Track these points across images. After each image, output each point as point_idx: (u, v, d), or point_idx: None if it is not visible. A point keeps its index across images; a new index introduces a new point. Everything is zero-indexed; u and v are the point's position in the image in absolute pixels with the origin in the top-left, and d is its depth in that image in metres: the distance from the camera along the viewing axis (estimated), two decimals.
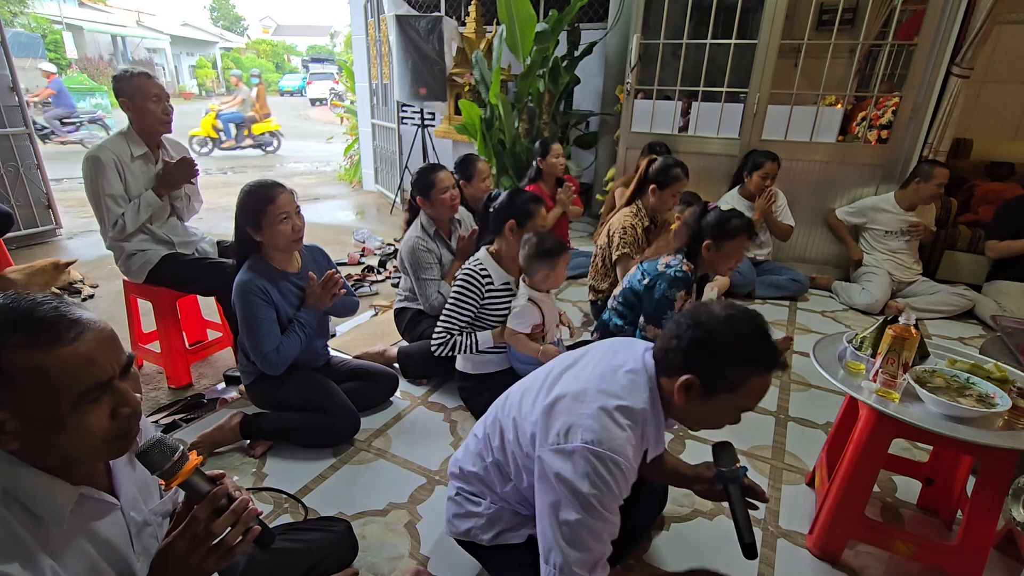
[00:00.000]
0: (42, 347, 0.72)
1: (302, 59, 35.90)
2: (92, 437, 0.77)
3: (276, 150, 10.01)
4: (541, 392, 1.15)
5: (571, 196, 3.52)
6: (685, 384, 1.03)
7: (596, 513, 1.01)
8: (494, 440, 1.23)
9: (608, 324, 2.32)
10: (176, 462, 0.84)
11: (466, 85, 4.89)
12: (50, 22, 19.46)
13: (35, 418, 0.73)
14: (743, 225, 2.03)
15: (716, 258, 2.05)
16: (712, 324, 1.02)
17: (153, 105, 2.12)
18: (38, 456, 0.77)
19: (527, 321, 1.96)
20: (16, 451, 0.75)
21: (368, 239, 4.51)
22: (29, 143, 4.14)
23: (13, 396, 0.72)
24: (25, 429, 0.73)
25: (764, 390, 1.04)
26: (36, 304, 0.74)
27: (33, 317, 0.73)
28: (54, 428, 0.74)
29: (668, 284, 2.03)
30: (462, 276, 2.01)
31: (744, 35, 3.70)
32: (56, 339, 0.73)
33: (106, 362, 0.77)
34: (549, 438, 1.06)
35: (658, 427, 1.11)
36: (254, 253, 1.84)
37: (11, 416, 0.72)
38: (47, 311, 0.74)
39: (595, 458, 0.99)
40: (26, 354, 0.71)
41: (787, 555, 1.54)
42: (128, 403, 0.79)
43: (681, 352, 1.04)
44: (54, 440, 0.75)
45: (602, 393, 1.06)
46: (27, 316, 0.73)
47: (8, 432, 0.73)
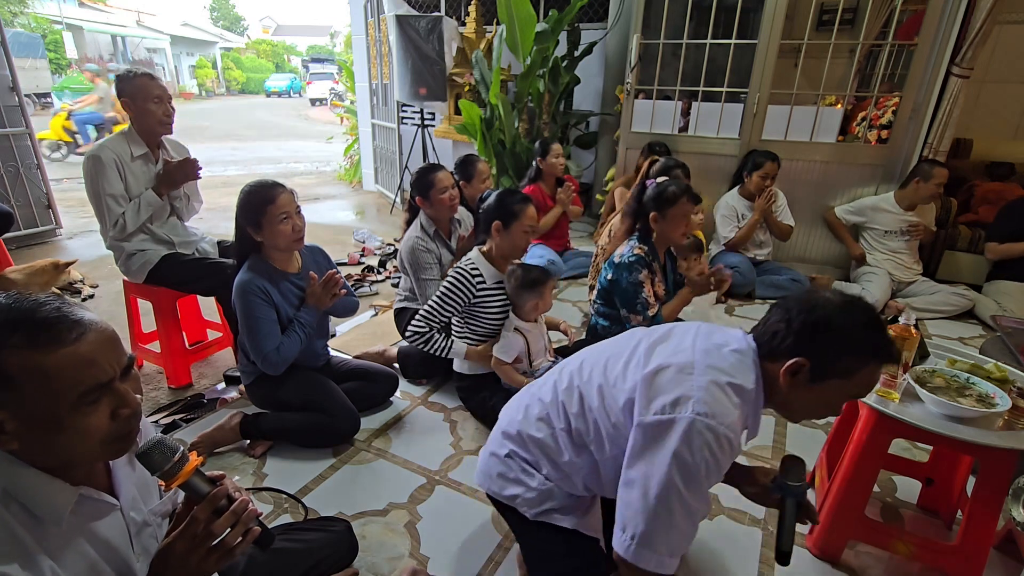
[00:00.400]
0: (42, 348, 0.72)
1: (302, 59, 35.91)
2: (92, 438, 0.77)
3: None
4: (633, 362, 1.10)
5: (571, 196, 3.53)
6: (793, 368, 0.99)
7: (696, 488, 0.97)
8: (571, 407, 1.16)
9: (596, 327, 2.34)
10: (176, 463, 0.83)
11: (466, 85, 4.89)
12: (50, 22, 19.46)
13: (35, 419, 0.73)
14: (681, 190, 2.13)
15: (665, 228, 2.15)
16: (828, 309, 0.98)
17: (154, 106, 2.12)
18: (38, 456, 0.77)
19: (511, 351, 1.97)
20: (16, 451, 0.75)
21: (368, 239, 4.51)
22: (29, 143, 4.15)
23: (13, 396, 0.72)
24: (25, 429, 0.73)
25: (875, 381, 1.01)
26: (38, 304, 0.74)
27: (34, 318, 0.73)
28: (54, 429, 0.74)
29: (627, 271, 2.13)
30: (452, 274, 2.01)
31: (744, 35, 3.70)
32: (57, 340, 0.73)
33: (107, 363, 0.77)
34: (652, 407, 1.00)
35: (757, 411, 1.06)
36: (254, 253, 1.84)
37: (11, 416, 0.72)
38: (49, 311, 0.74)
39: (708, 431, 0.95)
40: (26, 355, 0.71)
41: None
42: (128, 404, 0.79)
43: (792, 335, 1.00)
44: (54, 441, 0.75)
45: (711, 368, 1.02)
46: (28, 316, 0.73)
47: (8, 432, 0.73)
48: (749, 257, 3.51)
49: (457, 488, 1.76)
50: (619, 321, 2.25)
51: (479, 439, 2.02)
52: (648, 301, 2.13)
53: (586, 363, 1.20)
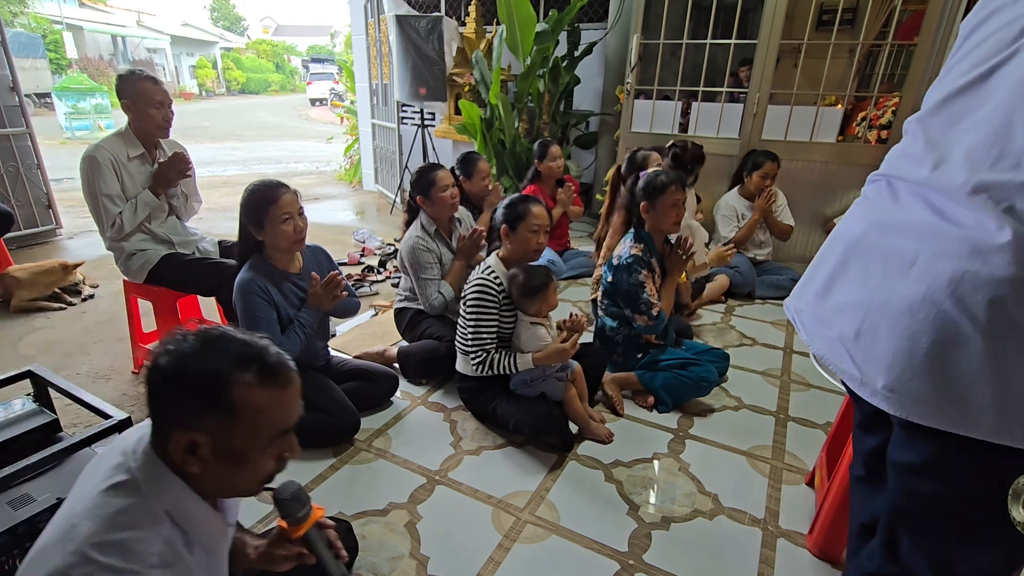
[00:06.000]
0: (266, 387, 0.80)
1: (302, 59, 35.92)
2: (259, 475, 0.85)
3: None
4: None
5: (571, 196, 3.53)
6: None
7: None
8: None
9: (604, 329, 2.35)
10: (306, 513, 0.96)
11: (466, 85, 4.89)
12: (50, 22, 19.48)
13: (230, 449, 0.80)
14: (670, 179, 2.16)
15: (656, 218, 2.18)
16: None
17: (155, 111, 2.13)
18: (209, 485, 0.84)
19: (543, 339, 1.96)
20: (191, 474, 0.81)
21: (368, 239, 4.51)
22: (29, 143, 4.15)
23: (222, 425, 0.78)
24: (214, 456, 0.80)
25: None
26: (265, 346, 0.84)
27: (264, 358, 0.82)
28: (240, 462, 0.82)
29: (627, 273, 2.14)
30: (474, 289, 1.98)
31: (744, 35, 3.70)
32: (275, 382, 0.82)
33: (294, 411, 0.85)
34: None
35: None
36: (256, 253, 1.84)
37: (209, 441, 0.78)
38: (273, 355, 0.83)
39: None
40: (252, 390, 0.79)
41: (787, 555, 1.54)
42: (294, 452, 0.88)
43: None
44: (233, 472, 0.83)
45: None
46: (260, 356, 0.81)
47: (198, 456, 0.79)
48: (749, 257, 3.51)
49: (457, 488, 1.76)
50: (627, 321, 2.26)
51: (479, 439, 2.02)
52: (651, 301, 2.13)
53: None
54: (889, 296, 0.79)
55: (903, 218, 0.82)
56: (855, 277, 0.87)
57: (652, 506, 1.71)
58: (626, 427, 2.11)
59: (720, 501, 1.73)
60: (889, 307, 0.79)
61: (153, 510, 0.78)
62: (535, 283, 1.93)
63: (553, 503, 1.70)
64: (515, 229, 2.00)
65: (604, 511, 1.68)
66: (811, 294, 0.97)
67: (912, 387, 0.76)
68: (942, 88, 0.84)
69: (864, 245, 0.87)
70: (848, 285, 0.88)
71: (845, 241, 0.92)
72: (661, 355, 2.26)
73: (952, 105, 0.81)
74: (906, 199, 0.84)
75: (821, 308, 0.93)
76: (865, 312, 0.83)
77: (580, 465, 1.89)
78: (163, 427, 0.80)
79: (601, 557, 1.51)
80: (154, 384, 0.80)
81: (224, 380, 0.78)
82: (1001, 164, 0.70)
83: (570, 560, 1.50)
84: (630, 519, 1.65)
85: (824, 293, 0.93)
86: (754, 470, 1.88)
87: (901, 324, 0.77)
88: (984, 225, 0.70)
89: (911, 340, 0.76)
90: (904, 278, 0.78)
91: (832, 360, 0.89)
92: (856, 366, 0.83)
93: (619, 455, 1.94)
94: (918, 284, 0.75)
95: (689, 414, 2.19)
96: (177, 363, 0.79)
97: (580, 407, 2.02)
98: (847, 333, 0.85)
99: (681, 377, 2.17)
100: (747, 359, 2.62)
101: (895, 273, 0.80)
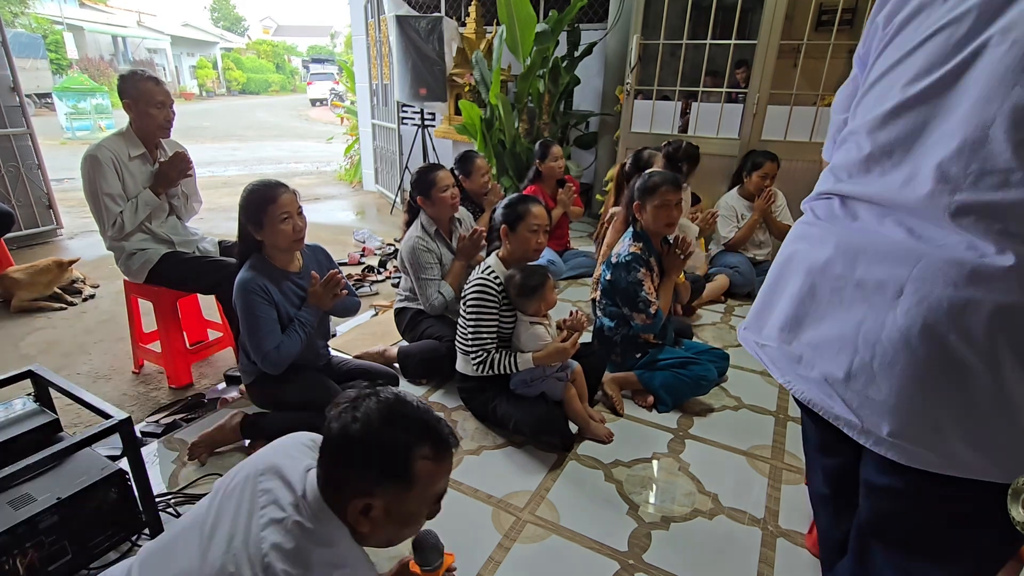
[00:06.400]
0: (440, 460, 0.89)
1: (302, 60, 35.93)
2: (412, 533, 0.97)
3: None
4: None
5: (572, 197, 3.53)
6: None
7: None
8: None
9: (602, 329, 2.35)
10: (441, 562, 1.06)
11: (466, 85, 4.89)
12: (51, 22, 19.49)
13: (399, 513, 0.87)
14: (663, 179, 2.16)
15: (648, 218, 2.18)
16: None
17: (156, 111, 2.13)
18: (371, 540, 0.90)
19: (543, 339, 1.97)
20: (361, 533, 0.88)
21: (368, 239, 4.51)
22: (30, 143, 4.15)
23: (398, 491, 0.85)
24: (384, 518, 0.86)
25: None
26: (438, 419, 0.92)
27: (439, 432, 0.90)
28: (405, 524, 0.91)
29: (625, 271, 2.15)
30: (474, 289, 1.98)
31: (744, 35, 3.70)
32: (447, 455, 0.90)
33: (450, 475, 0.94)
34: None
35: None
36: (256, 252, 1.85)
37: (383, 505, 0.85)
38: (444, 428, 0.91)
39: None
40: (429, 463, 0.86)
41: (787, 555, 1.54)
42: (434, 515, 0.95)
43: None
44: (395, 531, 0.91)
45: None
46: (435, 429, 0.89)
47: (369, 517, 0.85)
48: (749, 257, 3.51)
49: (457, 488, 1.76)
50: (625, 321, 2.26)
51: (479, 439, 2.02)
52: (649, 299, 2.14)
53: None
54: (879, 330, 0.72)
55: (874, 242, 0.75)
56: (829, 309, 0.79)
57: (652, 506, 1.71)
58: (626, 427, 2.11)
59: (720, 501, 1.73)
60: (882, 343, 0.71)
61: (332, 557, 0.84)
62: (532, 283, 1.93)
63: (553, 503, 1.71)
64: (515, 229, 2.00)
65: (604, 511, 1.68)
66: (774, 327, 0.87)
67: (921, 433, 0.70)
68: (888, 96, 0.76)
69: (831, 272, 0.78)
70: (822, 318, 0.80)
71: (807, 267, 0.82)
72: (660, 354, 2.26)
73: (907, 115, 0.73)
74: (870, 220, 0.77)
75: (792, 344, 0.84)
76: (852, 350, 0.75)
77: (580, 465, 1.89)
78: (341, 487, 0.86)
79: (601, 557, 1.51)
80: (341, 449, 0.86)
81: (409, 454, 0.85)
82: (984, 183, 0.65)
83: (570, 560, 1.51)
84: (630, 519, 1.65)
85: (792, 327, 0.84)
86: (754, 470, 1.88)
87: (900, 362, 0.70)
88: (979, 248, 0.65)
89: (916, 380, 0.69)
90: (892, 310, 0.70)
91: (821, 405, 0.81)
92: (852, 412, 0.76)
93: (619, 455, 1.94)
94: (912, 316, 0.68)
95: (689, 414, 2.19)
96: (366, 434, 0.85)
97: (580, 407, 2.02)
98: (834, 374, 0.77)
99: (680, 376, 2.18)
100: (747, 359, 2.62)
101: (880, 304, 0.72)
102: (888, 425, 0.72)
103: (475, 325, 1.97)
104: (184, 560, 0.85)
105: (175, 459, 1.88)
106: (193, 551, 0.86)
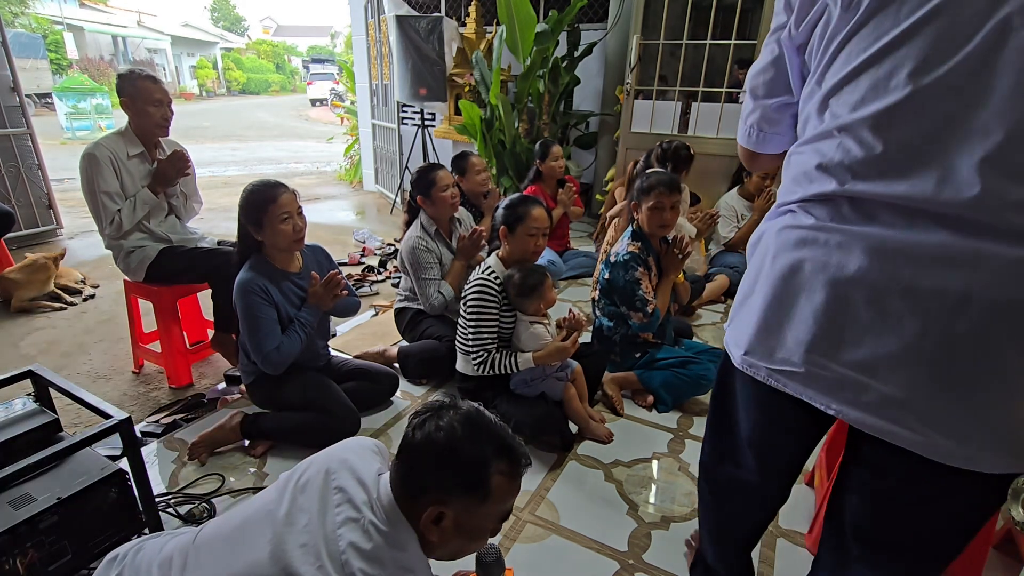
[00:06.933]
0: (513, 477, 0.90)
1: (303, 60, 35.94)
2: (476, 549, 0.97)
3: None
4: None
5: (572, 197, 3.53)
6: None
7: None
8: None
9: (601, 328, 2.35)
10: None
11: (466, 85, 4.89)
12: (51, 22, 19.48)
13: (469, 526, 0.88)
14: (659, 181, 2.16)
15: (644, 218, 2.19)
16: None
17: (153, 109, 2.14)
18: (438, 550, 0.92)
19: (543, 338, 1.96)
20: (430, 542, 0.89)
21: (368, 239, 4.51)
22: (30, 143, 4.15)
23: (472, 505, 0.86)
24: (454, 529, 0.87)
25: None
26: (515, 438, 0.93)
27: (516, 450, 0.91)
28: (473, 537, 0.92)
29: (623, 270, 2.15)
30: (474, 289, 1.97)
31: (744, 35, 3.70)
32: (519, 474, 0.91)
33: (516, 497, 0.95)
34: None
35: None
36: (256, 252, 1.85)
37: (452, 516, 0.86)
38: (517, 445, 0.92)
39: None
40: (503, 479, 0.88)
41: (787, 555, 1.54)
42: (495, 534, 0.96)
43: None
44: (463, 544, 0.92)
45: None
46: (512, 446, 0.91)
47: (440, 527, 0.86)
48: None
49: None
50: (623, 321, 2.26)
51: None
52: (646, 298, 2.14)
53: None
54: (947, 341, 0.67)
55: (915, 245, 0.68)
56: (873, 324, 0.71)
57: (652, 505, 1.71)
58: (626, 427, 2.11)
59: None
60: (953, 355, 0.67)
61: (404, 562, 0.85)
62: (531, 282, 1.93)
63: (553, 503, 1.70)
64: (514, 231, 2.00)
65: (604, 511, 1.68)
66: (795, 350, 0.79)
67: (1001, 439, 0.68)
68: (889, 87, 0.69)
69: (867, 282, 0.71)
70: (867, 335, 0.72)
71: (829, 278, 0.74)
72: (659, 354, 2.26)
73: (925, 109, 0.67)
74: (896, 222, 0.70)
75: (832, 367, 0.76)
76: (917, 365, 0.69)
77: (580, 465, 1.89)
78: (417, 493, 0.87)
79: (601, 556, 1.51)
80: (423, 455, 0.87)
81: (487, 467, 0.86)
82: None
83: (570, 559, 1.50)
84: (630, 519, 1.65)
85: (825, 348, 0.76)
86: None
87: (978, 370, 0.66)
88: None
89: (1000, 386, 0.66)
90: (958, 317, 0.65)
91: (881, 428, 0.74)
92: (920, 432, 0.71)
93: (619, 455, 1.94)
94: (986, 320, 0.64)
95: (689, 414, 2.19)
96: (450, 443, 0.86)
97: (580, 407, 2.02)
98: (897, 395, 0.71)
99: (680, 375, 2.18)
100: None
101: (940, 313, 0.66)
102: (973, 439, 0.69)
103: (475, 325, 1.97)
104: (255, 549, 0.85)
105: (175, 459, 1.88)
106: (264, 540, 0.85)
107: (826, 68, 0.76)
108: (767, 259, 0.84)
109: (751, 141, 0.99)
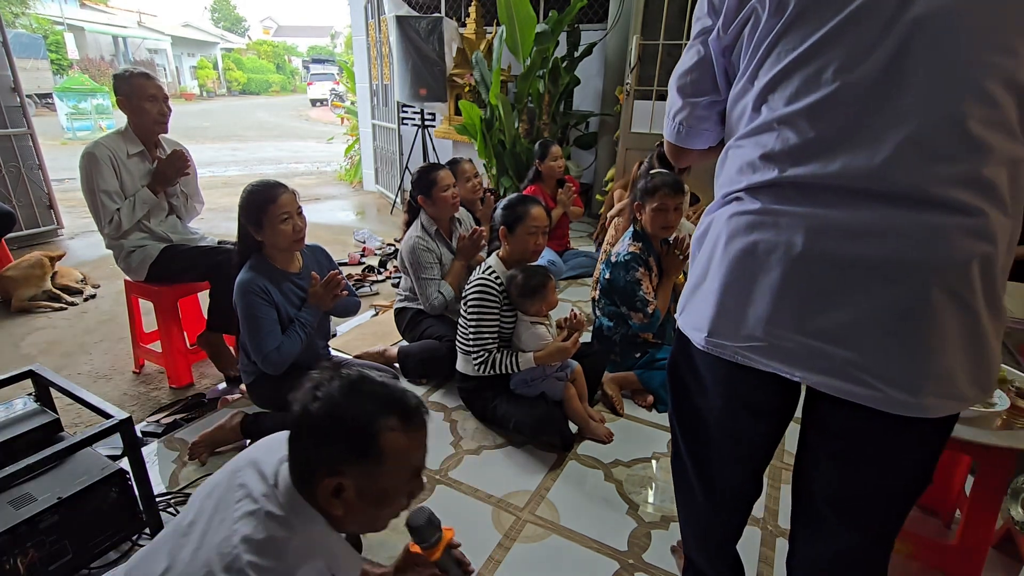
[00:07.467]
0: (410, 431, 0.84)
1: (303, 60, 35.94)
2: (393, 514, 0.90)
3: None
4: None
5: (572, 197, 3.53)
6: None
7: None
8: None
9: (601, 328, 2.36)
10: (439, 537, 1.00)
11: (466, 86, 4.89)
12: (51, 23, 19.50)
13: (373, 492, 0.84)
14: (663, 182, 2.15)
15: (647, 219, 2.19)
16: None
17: (149, 105, 2.14)
18: (348, 524, 0.88)
19: (544, 339, 1.97)
20: (336, 517, 0.85)
21: (368, 239, 4.52)
22: (31, 143, 4.16)
23: (368, 469, 0.82)
24: (357, 498, 0.83)
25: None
26: (403, 392, 0.88)
27: (405, 403, 0.86)
28: (381, 503, 0.86)
29: (623, 270, 2.16)
30: (475, 289, 1.98)
31: None
32: (417, 427, 0.86)
33: (426, 451, 0.90)
34: None
35: None
36: (256, 253, 1.85)
37: (353, 485, 0.82)
38: (411, 398, 0.87)
39: None
40: (397, 435, 0.83)
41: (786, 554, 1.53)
42: (422, 489, 0.92)
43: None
44: (373, 512, 0.87)
45: None
46: (400, 401, 0.85)
47: (342, 499, 0.82)
48: None
49: (457, 487, 1.76)
50: (623, 321, 2.26)
51: (479, 439, 2.02)
52: (647, 298, 2.14)
53: None
54: (900, 304, 0.74)
55: (857, 220, 0.75)
56: (830, 295, 0.77)
57: (652, 505, 1.71)
58: (626, 427, 2.11)
59: None
60: (905, 316, 0.74)
61: (308, 546, 0.82)
62: (533, 283, 1.93)
63: (553, 502, 1.71)
64: (513, 231, 2.00)
65: (604, 510, 1.69)
66: (756, 327, 0.83)
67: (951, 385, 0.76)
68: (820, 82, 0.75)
69: (817, 256, 0.77)
70: (826, 305, 0.78)
71: (781, 257, 0.79)
72: (659, 354, 2.26)
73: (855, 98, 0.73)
74: (837, 201, 0.76)
75: (794, 338, 0.81)
76: (874, 329, 0.75)
77: (580, 464, 1.89)
78: (308, 470, 0.84)
79: (601, 556, 1.51)
80: (304, 430, 0.84)
81: (373, 428, 0.82)
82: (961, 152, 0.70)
83: (570, 559, 1.51)
84: (630, 518, 1.65)
85: (786, 321, 0.81)
86: None
87: (931, 327, 0.73)
88: (967, 209, 0.71)
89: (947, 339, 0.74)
90: (905, 281, 0.73)
91: (842, 389, 0.79)
92: (880, 388, 0.77)
93: (619, 455, 1.94)
94: (931, 281, 0.72)
95: None
96: (327, 411, 0.82)
97: (580, 407, 2.02)
98: (857, 359, 0.77)
99: None
100: None
101: (891, 278, 0.73)
102: (923, 389, 0.75)
103: (476, 325, 1.97)
104: (162, 562, 0.84)
105: (175, 459, 1.88)
106: (168, 553, 0.84)
107: (758, 67, 0.82)
108: (719, 245, 0.88)
109: (680, 137, 1.03)
